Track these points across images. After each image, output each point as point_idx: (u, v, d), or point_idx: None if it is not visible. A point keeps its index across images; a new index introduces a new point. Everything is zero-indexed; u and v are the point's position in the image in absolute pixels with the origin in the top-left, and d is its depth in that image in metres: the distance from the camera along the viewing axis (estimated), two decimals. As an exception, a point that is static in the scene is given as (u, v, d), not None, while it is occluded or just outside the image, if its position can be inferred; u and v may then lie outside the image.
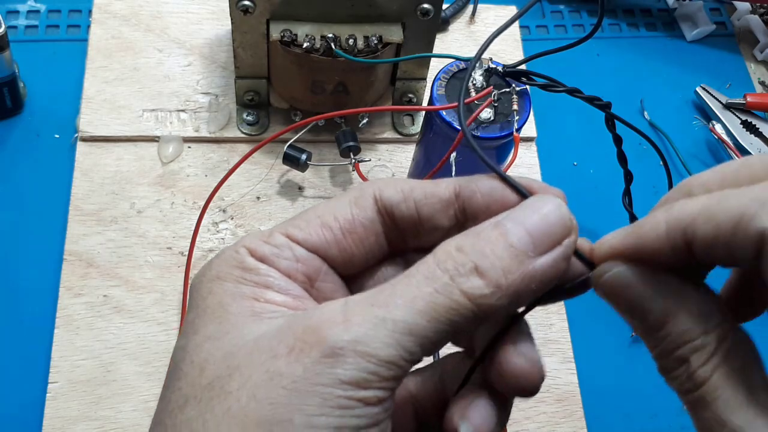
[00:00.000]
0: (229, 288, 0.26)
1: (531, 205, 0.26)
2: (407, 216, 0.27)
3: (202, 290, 0.26)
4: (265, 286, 0.26)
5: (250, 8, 0.52)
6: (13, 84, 0.58)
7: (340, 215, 0.27)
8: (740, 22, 0.76)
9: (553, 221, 0.25)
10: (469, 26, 0.69)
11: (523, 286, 0.24)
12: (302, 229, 0.27)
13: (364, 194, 0.28)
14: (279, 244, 0.27)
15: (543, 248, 0.25)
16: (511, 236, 0.24)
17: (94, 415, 0.49)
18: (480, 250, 0.24)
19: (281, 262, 0.26)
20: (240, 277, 0.26)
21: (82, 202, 0.56)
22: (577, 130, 0.66)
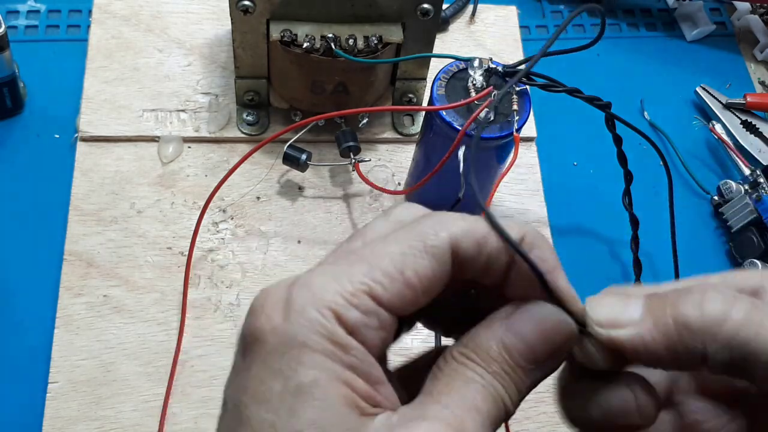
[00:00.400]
0: (320, 363, 0.24)
1: (534, 316, 0.27)
2: (476, 269, 0.27)
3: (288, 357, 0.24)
4: (351, 368, 0.24)
5: (250, 8, 0.52)
6: (13, 84, 0.58)
7: (422, 272, 0.25)
8: (740, 22, 0.76)
9: (555, 336, 0.26)
10: (469, 26, 0.69)
11: (528, 392, 0.27)
12: (386, 288, 0.25)
13: (441, 242, 0.26)
14: (366, 309, 0.25)
15: (546, 360, 0.26)
16: (514, 354, 0.26)
17: (94, 415, 0.49)
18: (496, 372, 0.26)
19: (369, 333, 0.25)
20: (330, 351, 0.24)
21: (82, 202, 0.56)
22: (577, 130, 0.66)
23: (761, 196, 0.61)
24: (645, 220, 0.57)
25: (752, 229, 0.60)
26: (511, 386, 0.26)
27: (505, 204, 0.61)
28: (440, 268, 0.25)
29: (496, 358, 0.26)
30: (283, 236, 0.57)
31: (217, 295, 0.54)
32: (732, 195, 0.63)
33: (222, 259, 0.56)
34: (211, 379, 0.51)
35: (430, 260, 0.25)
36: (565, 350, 0.27)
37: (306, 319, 0.24)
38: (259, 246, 0.56)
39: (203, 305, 0.54)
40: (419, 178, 0.55)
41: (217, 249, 0.56)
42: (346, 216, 0.59)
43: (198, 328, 0.53)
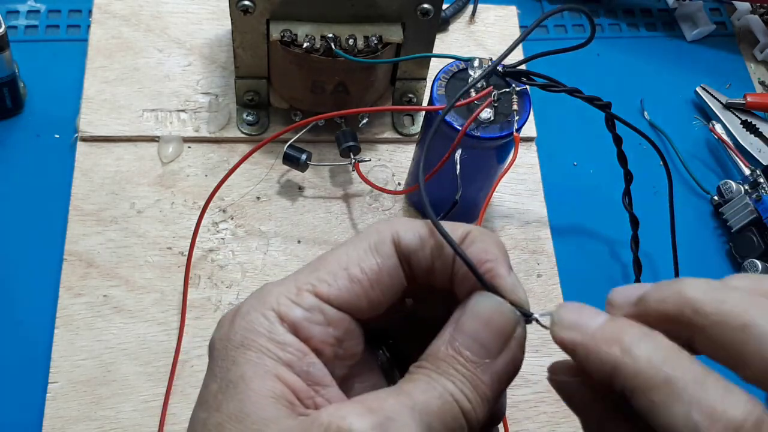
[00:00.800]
0: (252, 358, 0.25)
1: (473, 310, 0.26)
2: (423, 264, 0.27)
3: (226, 358, 0.25)
4: (287, 365, 0.25)
5: (250, 8, 0.52)
6: (13, 84, 0.58)
7: (365, 266, 0.26)
8: (740, 22, 0.76)
9: (498, 324, 0.26)
10: (469, 26, 0.69)
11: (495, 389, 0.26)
12: (331, 285, 0.26)
13: (383, 239, 0.27)
14: (310, 306, 0.26)
15: (496, 350, 0.26)
16: (463, 351, 0.26)
17: (94, 415, 0.49)
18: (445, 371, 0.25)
19: (312, 328, 0.25)
20: (265, 347, 0.25)
21: (82, 202, 0.56)
22: (577, 130, 0.66)
23: (761, 196, 0.61)
24: (645, 220, 0.57)
25: (752, 229, 0.60)
26: (465, 383, 0.25)
27: (505, 204, 0.61)
28: (385, 262, 0.26)
29: (445, 358, 0.26)
30: (283, 236, 0.57)
31: (217, 295, 0.54)
32: (732, 195, 0.63)
33: (222, 259, 0.56)
34: (211, 379, 0.51)
35: (373, 254, 0.26)
36: (513, 338, 0.27)
37: (247, 321, 0.25)
38: (259, 246, 0.57)
39: (203, 305, 0.54)
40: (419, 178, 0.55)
41: (217, 249, 0.56)
42: (346, 216, 0.59)
43: (198, 328, 0.53)
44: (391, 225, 0.27)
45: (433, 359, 0.26)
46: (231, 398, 0.25)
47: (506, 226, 0.60)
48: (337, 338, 0.26)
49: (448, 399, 0.25)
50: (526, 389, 0.54)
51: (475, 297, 0.27)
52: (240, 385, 0.25)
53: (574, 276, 0.59)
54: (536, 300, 0.57)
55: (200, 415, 0.25)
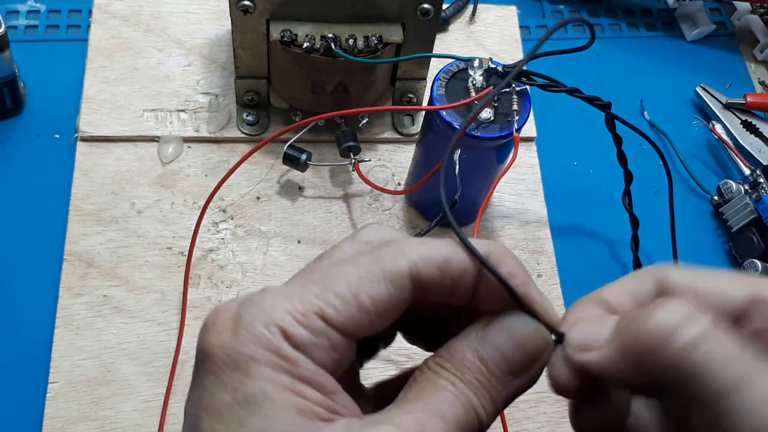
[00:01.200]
0: (268, 375, 0.24)
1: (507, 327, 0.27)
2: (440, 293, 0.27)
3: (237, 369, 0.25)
4: (303, 380, 0.25)
5: (250, 8, 0.52)
6: (13, 84, 0.58)
7: (377, 296, 0.25)
8: (740, 22, 0.76)
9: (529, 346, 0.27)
10: (469, 26, 0.69)
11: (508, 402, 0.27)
12: (338, 311, 0.25)
13: (400, 270, 0.26)
14: (316, 330, 0.25)
15: (521, 370, 0.26)
16: (489, 364, 0.26)
17: (94, 415, 0.49)
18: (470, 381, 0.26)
19: (318, 352, 0.25)
20: (277, 365, 0.24)
21: (82, 202, 0.56)
22: (577, 130, 0.66)
23: (761, 196, 0.61)
24: (645, 220, 0.57)
25: (752, 229, 0.60)
26: (485, 396, 0.26)
27: (505, 204, 0.61)
28: (398, 295, 0.26)
29: (471, 367, 0.26)
30: (283, 236, 0.57)
31: (217, 295, 0.54)
32: (732, 195, 0.63)
33: (222, 259, 0.56)
34: (211, 379, 0.51)
35: (387, 286, 0.25)
36: (540, 361, 0.27)
37: (252, 334, 0.25)
38: (259, 246, 0.56)
39: (203, 305, 0.54)
40: (419, 178, 0.55)
41: (217, 249, 0.56)
42: (346, 216, 0.59)
43: (198, 328, 0.53)
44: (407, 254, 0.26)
45: (458, 365, 0.26)
46: (255, 414, 0.24)
47: (506, 226, 0.60)
48: (338, 361, 0.26)
49: (472, 414, 0.25)
50: (526, 389, 0.54)
51: (511, 315, 0.27)
52: (263, 401, 0.24)
53: (574, 276, 0.59)
54: (536, 300, 0.57)
55: (216, 427, 0.25)
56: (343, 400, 0.25)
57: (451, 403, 0.25)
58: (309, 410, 0.24)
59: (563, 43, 0.49)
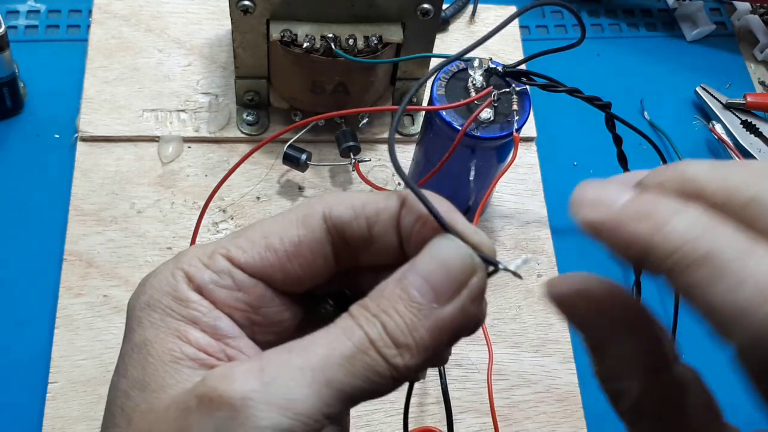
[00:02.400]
0: (156, 320, 0.24)
1: (430, 251, 0.24)
2: (358, 234, 0.26)
3: (133, 319, 0.25)
4: (192, 322, 0.24)
5: (250, 8, 0.52)
6: (13, 84, 0.58)
7: (286, 237, 0.25)
8: (740, 22, 0.76)
9: (453, 265, 0.24)
10: (469, 26, 0.69)
11: (434, 341, 0.24)
12: (245, 251, 0.25)
13: (313, 212, 0.26)
14: (220, 269, 0.25)
15: (446, 296, 0.24)
16: (411, 290, 0.24)
17: (94, 415, 0.49)
18: (385, 310, 0.23)
19: (219, 292, 0.25)
20: (168, 307, 0.24)
21: (82, 202, 0.56)
22: (577, 130, 0.66)
23: (761, 196, 0.60)
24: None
25: (752, 229, 0.60)
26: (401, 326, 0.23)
27: (505, 204, 0.61)
28: (308, 235, 0.25)
29: (389, 296, 0.24)
30: (283, 236, 0.57)
31: (217, 295, 0.54)
32: (732, 195, 0.63)
33: (222, 259, 0.56)
34: (211, 379, 0.51)
35: (297, 227, 0.25)
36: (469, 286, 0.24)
37: (157, 280, 0.25)
38: (259, 246, 0.56)
39: (203, 305, 0.54)
40: (419, 178, 0.55)
41: (217, 249, 0.56)
42: (346, 216, 0.59)
43: (198, 328, 0.53)
44: (323, 199, 0.26)
45: (377, 296, 0.24)
46: (135, 364, 0.24)
47: (506, 226, 0.60)
48: (249, 303, 0.25)
49: (365, 346, 0.23)
50: (526, 389, 0.54)
51: (435, 239, 0.25)
52: (143, 349, 0.24)
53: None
54: (536, 299, 0.57)
55: (112, 379, 0.25)
56: (241, 344, 0.25)
57: (328, 340, 0.23)
58: (189, 356, 0.24)
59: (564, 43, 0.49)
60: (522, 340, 0.56)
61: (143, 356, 0.24)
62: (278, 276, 0.25)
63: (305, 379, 0.22)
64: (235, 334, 0.25)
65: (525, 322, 0.56)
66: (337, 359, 0.22)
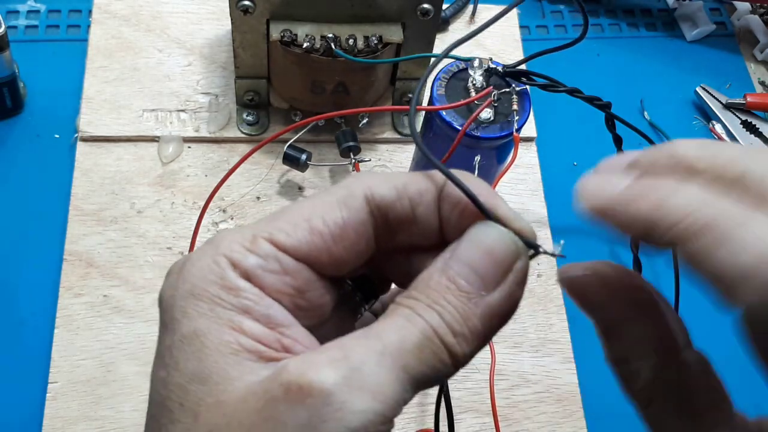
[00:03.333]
0: (204, 310, 0.23)
1: (473, 239, 0.25)
2: (402, 216, 0.25)
3: (175, 309, 0.24)
4: (244, 311, 0.23)
5: (250, 8, 0.52)
6: (13, 84, 0.58)
7: (329, 219, 0.25)
8: (740, 22, 0.76)
9: (498, 252, 0.24)
10: (469, 26, 0.69)
11: (486, 328, 0.24)
12: (289, 234, 0.24)
13: (354, 193, 0.25)
14: (265, 253, 0.24)
15: (494, 283, 0.24)
16: (459, 280, 0.24)
17: (94, 415, 0.49)
18: (436, 301, 0.24)
19: (267, 277, 0.24)
20: (217, 296, 0.23)
21: (82, 202, 0.56)
22: (577, 130, 0.66)
23: (761, 196, 0.61)
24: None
25: (752, 229, 0.60)
26: (454, 314, 0.23)
27: (505, 204, 0.61)
28: (352, 216, 0.25)
29: (437, 287, 0.24)
30: (283, 236, 0.57)
31: (217, 295, 0.54)
32: (732, 195, 0.63)
33: (222, 259, 0.56)
34: (211, 379, 0.51)
35: (340, 208, 0.25)
36: (514, 271, 0.25)
37: (197, 268, 0.24)
38: (259, 246, 0.56)
39: (203, 305, 0.54)
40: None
41: (217, 249, 0.56)
42: (346, 216, 0.59)
43: (198, 328, 0.53)
44: (363, 180, 0.25)
45: (423, 287, 0.24)
46: (189, 356, 0.23)
47: (506, 226, 0.60)
48: (296, 288, 0.24)
49: (430, 334, 0.23)
50: (526, 389, 0.54)
51: (476, 225, 0.25)
52: (195, 341, 0.23)
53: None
54: (536, 299, 0.57)
55: (159, 374, 0.24)
56: (296, 333, 0.24)
57: (398, 326, 0.23)
58: (245, 348, 0.23)
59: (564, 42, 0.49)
60: (522, 340, 0.56)
61: (197, 348, 0.23)
62: (323, 259, 0.25)
63: (387, 365, 0.22)
64: (288, 323, 0.24)
65: (525, 322, 0.56)
66: (409, 346, 0.23)
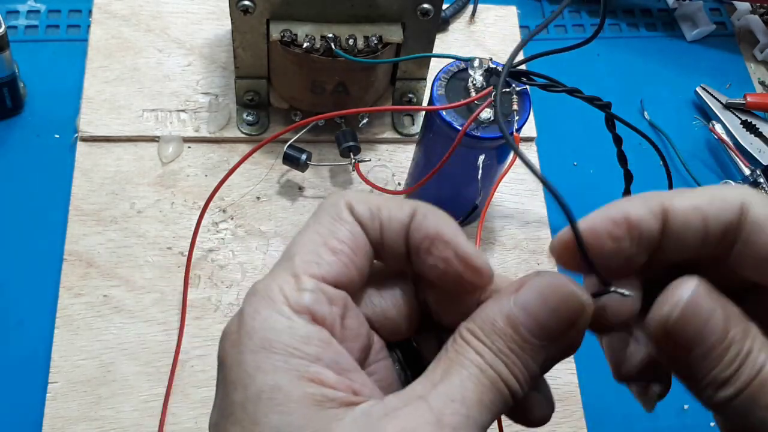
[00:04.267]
0: (280, 363, 0.23)
1: (542, 291, 0.25)
2: (372, 237, 0.26)
3: (245, 365, 0.24)
4: (317, 359, 0.24)
5: (250, 8, 0.52)
6: (13, 84, 0.58)
7: (340, 236, 0.26)
8: (740, 22, 0.76)
9: (564, 311, 0.25)
10: (469, 26, 0.69)
11: (546, 369, 0.25)
12: (319, 263, 0.25)
13: (339, 208, 0.26)
14: (313, 288, 0.24)
15: (557, 337, 0.25)
16: (524, 332, 0.24)
17: (94, 415, 0.49)
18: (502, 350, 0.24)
19: (323, 310, 0.24)
20: (290, 347, 0.23)
21: (82, 202, 0.56)
22: (577, 130, 0.66)
23: (761, 196, 0.60)
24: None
25: (752, 229, 0.60)
26: (518, 364, 0.24)
27: (505, 204, 0.61)
28: (352, 227, 0.26)
29: (502, 334, 0.24)
30: (283, 236, 0.57)
31: (217, 295, 0.54)
32: (732, 195, 0.63)
33: (222, 259, 0.56)
34: (211, 379, 0.51)
35: (340, 223, 0.26)
36: (576, 326, 0.25)
37: (260, 321, 0.24)
38: (259, 246, 0.56)
39: (203, 305, 0.54)
40: (419, 178, 0.55)
41: (217, 249, 0.56)
42: (346, 216, 0.59)
43: (198, 328, 0.53)
44: (343, 196, 0.27)
45: (488, 332, 0.24)
46: (271, 410, 0.23)
47: (506, 226, 0.60)
48: (341, 317, 0.25)
49: (500, 386, 0.24)
50: (526, 389, 0.54)
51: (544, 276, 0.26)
52: (277, 395, 0.23)
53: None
54: (536, 300, 0.57)
55: (231, 430, 0.24)
56: (360, 378, 0.25)
57: (476, 381, 0.24)
58: (327, 398, 0.23)
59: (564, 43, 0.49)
60: (522, 340, 0.55)
61: (280, 402, 0.23)
62: (354, 275, 0.26)
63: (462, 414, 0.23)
64: (353, 368, 0.25)
65: (525, 322, 0.56)
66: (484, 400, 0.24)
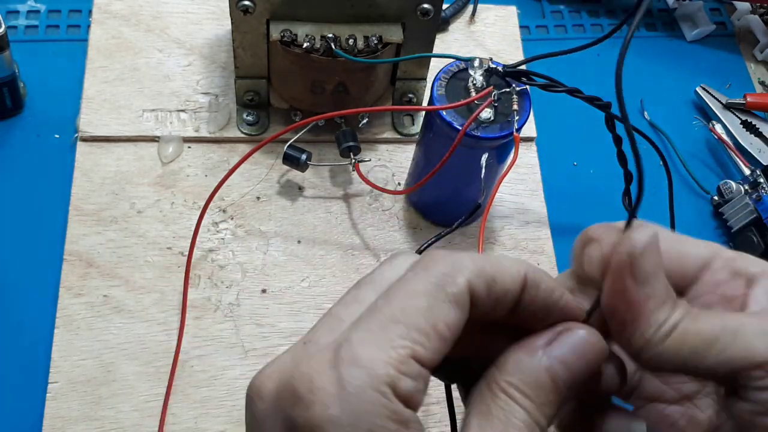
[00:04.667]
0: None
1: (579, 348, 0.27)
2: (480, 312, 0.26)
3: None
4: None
5: (250, 8, 0.52)
6: (13, 84, 0.58)
7: (450, 322, 0.25)
8: (740, 22, 0.76)
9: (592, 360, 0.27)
10: (469, 26, 0.69)
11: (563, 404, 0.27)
12: (426, 347, 0.24)
13: (460, 287, 0.25)
14: (416, 374, 0.24)
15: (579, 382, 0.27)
16: (559, 382, 0.26)
17: (94, 415, 0.49)
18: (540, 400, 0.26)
19: (419, 397, 0.24)
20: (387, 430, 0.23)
21: (82, 202, 0.56)
22: (577, 130, 0.66)
23: (761, 196, 0.61)
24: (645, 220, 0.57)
25: (752, 229, 0.60)
26: (552, 412, 0.26)
27: (505, 204, 0.61)
28: (463, 315, 0.25)
29: (544, 387, 0.26)
30: (283, 236, 0.57)
31: (217, 295, 0.54)
32: (732, 195, 0.63)
33: (222, 259, 0.56)
34: (211, 379, 0.51)
35: (455, 308, 0.25)
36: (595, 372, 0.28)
37: (365, 402, 0.23)
38: (259, 246, 0.56)
39: (203, 305, 0.54)
40: (419, 178, 0.55)
41: (217, 249, 0.56)
42: (346, 216, 0.59)
43: (198, 328, 0.53)
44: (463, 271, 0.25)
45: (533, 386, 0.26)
46: None
47: (506, 226, 0.60)
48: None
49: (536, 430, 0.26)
50: (526, 389, 0.54)
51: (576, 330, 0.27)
52: None
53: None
54: (536, 300, 0.57)
55: None
56: None
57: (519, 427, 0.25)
58: None
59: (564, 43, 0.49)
60: (522, 340, 0.55)
61: None
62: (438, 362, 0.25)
63: None
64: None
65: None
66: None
